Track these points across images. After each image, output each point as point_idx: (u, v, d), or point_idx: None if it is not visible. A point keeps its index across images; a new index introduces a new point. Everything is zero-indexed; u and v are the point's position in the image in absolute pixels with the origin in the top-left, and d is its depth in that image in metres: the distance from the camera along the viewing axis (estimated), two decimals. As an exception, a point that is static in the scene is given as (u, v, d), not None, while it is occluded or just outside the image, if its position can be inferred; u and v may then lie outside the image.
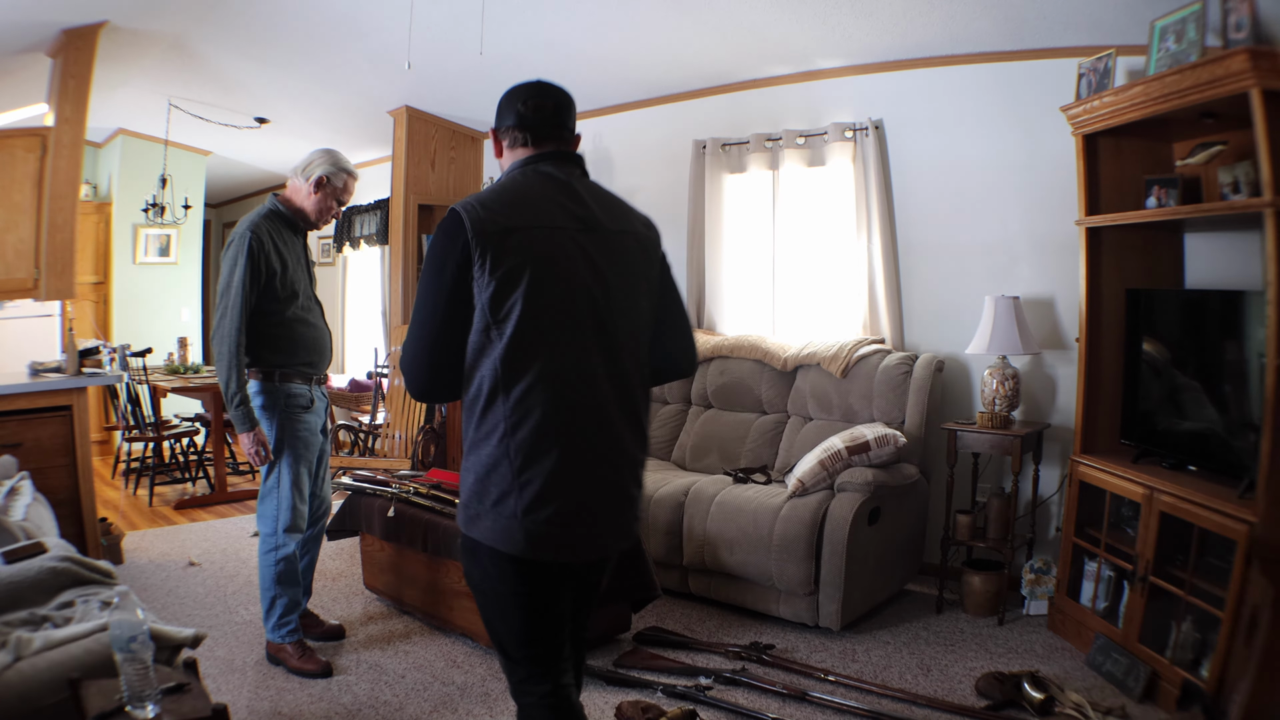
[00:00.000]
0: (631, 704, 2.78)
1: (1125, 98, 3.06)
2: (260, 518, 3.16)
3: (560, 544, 1.75)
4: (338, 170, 3.08)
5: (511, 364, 1.69)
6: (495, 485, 1.73)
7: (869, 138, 4.25)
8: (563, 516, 1.73)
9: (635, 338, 1.83)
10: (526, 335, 1.68)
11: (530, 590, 1.79)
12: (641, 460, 1.88)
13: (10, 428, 3.77)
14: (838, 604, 3.39)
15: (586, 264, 1.74)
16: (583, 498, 1.76)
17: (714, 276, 4.90)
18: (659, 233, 1.97)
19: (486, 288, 1.67)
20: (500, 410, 1.71)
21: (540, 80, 1.90)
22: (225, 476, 5.85)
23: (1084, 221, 3.39)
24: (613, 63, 4.81)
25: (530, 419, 1.70)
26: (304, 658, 3.12)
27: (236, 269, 2.91)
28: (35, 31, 4.49)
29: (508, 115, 1.86)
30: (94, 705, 1.74)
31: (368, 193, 7.18)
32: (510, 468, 1.71)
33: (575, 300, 1.72)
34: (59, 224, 4.50)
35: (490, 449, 1.73)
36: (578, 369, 1.73)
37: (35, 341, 5.85)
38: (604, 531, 1.82)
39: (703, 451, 4.43)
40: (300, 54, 5.18)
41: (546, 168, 1.82)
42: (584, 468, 1.75)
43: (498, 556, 1.76)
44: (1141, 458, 3.25)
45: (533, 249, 1.69)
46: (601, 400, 1.76)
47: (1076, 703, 2.80)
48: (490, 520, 1.74)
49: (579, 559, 1.81)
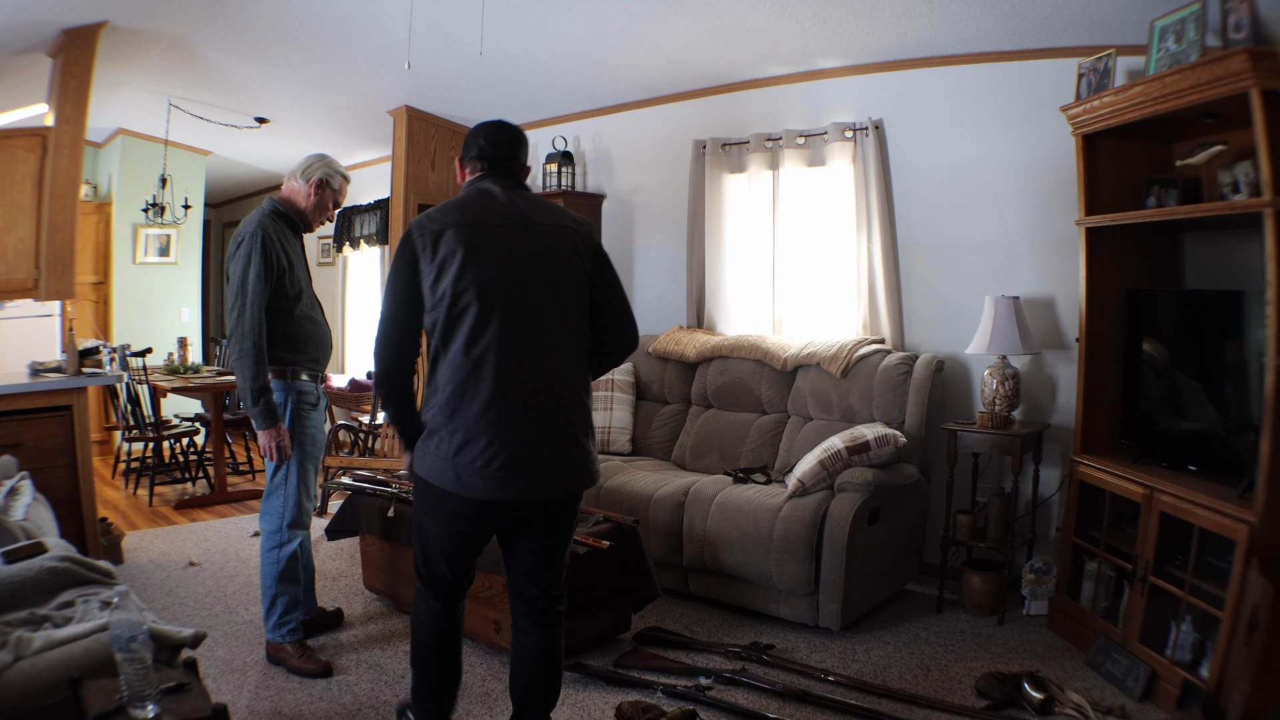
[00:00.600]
0: (631, 704, 2.78)
1: (1125, 98, 3.06)
2: (264, 515, 3.17)
3: (483, 483, 2.10)
4: (334, 173, 3.19)
5: (446, 333, 2.13)
6: (433, 430, 2.15)
7: (869, 138, 4.25)
8: (488, 458, 2.09)
9: (562, 310, 2.20)
10: (457, 308, 2.10)
11: (452, 523, 2.21)
12: (575, 417, 2.21)
13: (10, 428, 3.77)
14: (838, 604, 3.40)
15: (511, 251, 2.15)
16: (506, 445, 2.10)
17: (714, 276, 4.90)
18: (592, 228, 2.34)
19: (429, 275, 2.12)
20: (442, 372, 2.14)
21: (501, 120, 2.33)
22: (225, 476, 5.85)
23: (1084, 221, 3.39)
24: (613, 63, 4.82)
25: (455, 378, 2.11)
26: (304, 657, 3.13)
27: (251, 265, 2.94)
28: (35, 31, 4.49)
29: (472, 148, 2.30)
30: (94, 705, 1.74)
31: (367, 193, 7.18)
32: (445, 419, 2.13)
33: (500, 279, 2.12)
34: (59, 224, 4.50)
35: (433, 404, 2.16)
36: (502, 335, 2.11)
37: (35, 341, 5.85)
38: (532, 479, 2.13)
39: (703, 451, 4.43)
40: (300, 54, 5.18)
41: (485, 184, 2.25)
42: (507, 420, 2.11)
43: (432, 491, 2.17)
44: (1141, 458, 3.25)
45: (463, 241, 2.11)
46: (525, 360, 2.13)
47: (1076, 703, 2.80)
48: (432, 461, 2.15)
49: (502, 498, 2.12)
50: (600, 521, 3.40)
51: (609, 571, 3.26)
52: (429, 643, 2.34)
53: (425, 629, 2.34)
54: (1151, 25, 3.03)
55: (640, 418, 4.76)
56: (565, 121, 5.77)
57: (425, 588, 2.34)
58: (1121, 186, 3.38)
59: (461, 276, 2.09)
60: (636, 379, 4.85)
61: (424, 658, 2.36)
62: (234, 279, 2.96)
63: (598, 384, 4.78)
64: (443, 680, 2.38)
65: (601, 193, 5.62)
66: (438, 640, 2.34)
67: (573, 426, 2.20)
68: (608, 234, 5.62)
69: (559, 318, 2.19)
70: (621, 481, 4.04)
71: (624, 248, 5.53)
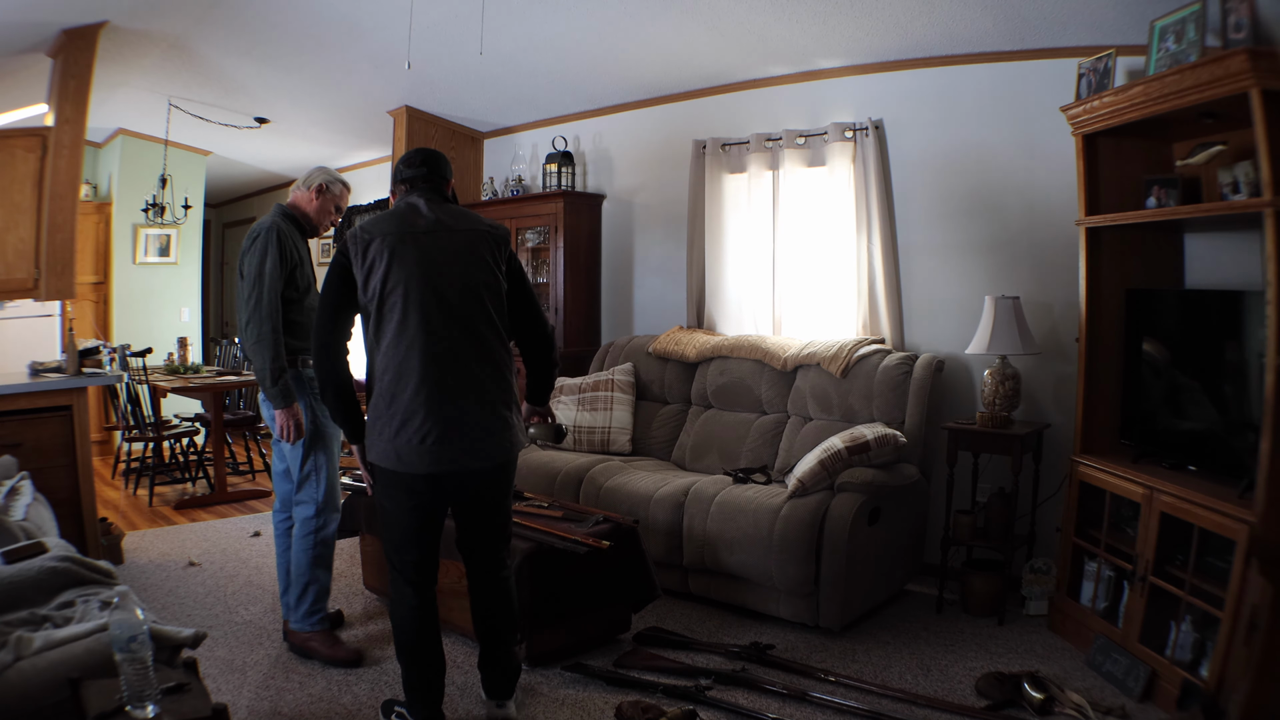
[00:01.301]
0: (631, 704, 2.78)
1: (1125, 98, 3.06)
2: (299, 504, 3.27)
3: (418, 458, 2.39)
4: (333, 180, 3.38)
5: (377, 328, 2.46)
6: (376, 418, 2.45)
7: (869, 138, 4.25)
8: (421, 436, 2.38)
9: (477, 300, 2.49)
10: (384, 306, 2.43)
11: (405, 500, 2.47)
12: (494, 393, 2.49)
13: (10, 428, 3.77)
14: (838, 604, 3.40)
15: (429, 252, 2.46)
16: (435, 424, 2.39)
17: (714, 276, 4.90)
18: (506, 231, 2.66)
19: (360, 276, 2.46)
20: (380, 362, 2.45)
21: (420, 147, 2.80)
22: (225, 476, 5.85)
23: (1084, 221, 3.39)
24: (613, 63, 4.82)
25: (392, 366, 2.42)
26: (334, 647, 3.20)
27: (267, 257, 3.10)
28: (35, 31, 4.49)
29: (396, 174, 2.66)
30: (94, 705, 1.74)
31: (367, 193, 7.18)
32: (385, 405, 2.43)
33: (426, 276, 2.43)
34: (59, 224, 4.50)
35: (374, 393, 2.46)
36: (424, 327, 2.41)
37: (35, 341, 5.84)
38: (459, 451, 2.42)
39: (703, 451, 4.43)
40: (300, 54, 5.18)
41: (411, 198, 2.58)
42: (434, 402, 2.39)
43: (382, 473, 2.47)
44: (1141, 458, 3.25)
45: (388, 246, 2.44)
46: (446, 349, 2.42)
47: (1076, 703, 2.80)
48: (377, 445, 2.45)
49: (436, 470, 2.41)
50: (600, 521, 3.40)
51: (609, 571, 3.26)
52: (411, 637, 2.56)
53: (403, 617, 2.57)
54: (1151, 25, 3.03)
55: (640, 418, 4.76)
56: (565, 121, 5.77)
57: (398, 574, 2.56)
58: (1121, 186, 3.37)
59: (388, 277, 2.42)
60: (636, 379, 4.85)
61: (408, 650, 2.57)
62: (250, 270, 3.11)
63: (597, 384, 4.78)
64: (429, 669, 2.58)
65: (601, 193, 5.62)
66: (419, 630, 2.56)
67: (493, 401, 2.48)
68: (608, 234, 5.62)
69: (476, 306, 2.49)
70: (621, 481, 4.04)
71: (624, 248, 5.53)
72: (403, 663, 2.59)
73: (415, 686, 2.57)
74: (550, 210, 5.46)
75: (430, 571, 2.59)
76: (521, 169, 5.98)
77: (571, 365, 5.34)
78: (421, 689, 2.57)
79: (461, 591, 3.21)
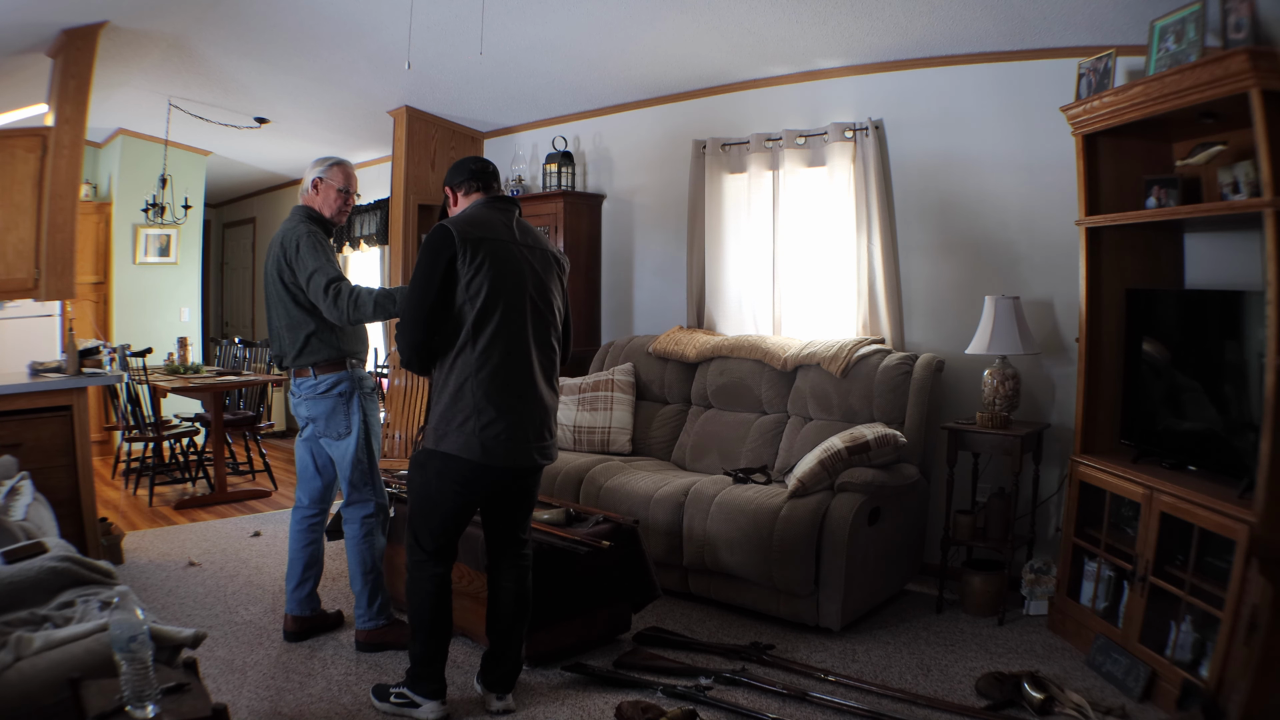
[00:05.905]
0: (631, 704, 2.78)
1: (1125, 98, 3.06)
2: (355, 503, 3.30)
3: (503, 453, 2.57)
4: (325, 166, 3.30)
5: (478, 325, 2.55)
6: (460, 412, 2.56)
7: (869, 138, 4.25)
8: (507, 433, 2.57)
9: (551, 318, 2.71)
10: (488, 306, 2.55)
11: (466, 490, 2.64)
12: (552, 405, 2.73)
13: (10, 428, 3.77)
14: (838, 604, 3.40)
15: (526, 265, 2.65)
16: (516, 422, 2.59)
17: (714, 276, 4.90)
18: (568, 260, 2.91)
19: (465, 274, 2.54)
20: (468, 358, 2.56)
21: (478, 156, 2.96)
22: (225, 477, 5.85)
23: (1084, 221, 3.39)
24: (613, 63, 4.82)
25: (489, 364, 2.56)
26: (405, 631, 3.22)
27: (318, 251, 3.10)
28: (35, 31, 4.49)
29: (463, 173, 2.77)
30: (94, 705, 1.74)
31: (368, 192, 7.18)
32: (474, 398, 2.55)
33: (519, 286, 2.61)
34: (59, 224, 4.50)
35: (457, 385, 2.57)
36: (520, 332, 2.60)
37: (35, 341, 5.85)
38: (530, 448, 2.64)
39: (703, 451, 4.43)
40: (300, 54, 5.18)
41: (491, 206, 2.71)
42: (520, 402, 2.60)
43: (457, 463, 2.58)
44: (1141, 458, 3.25)
45: (494, 251, 2.58)
46: (530, 356, 2.63)
47: (1076, 703, 2.80)
48: (458, 437, 2.56)
49: (514, 465, 2.62)
50: (600, 521, 3.40)
51: (609, 571, 3.26)
52: (431, 604, 2.71)
53: (429, 593, 2.71)
54: (1151, 25, 3.03)
55: (640, 418, 4.76)
56: (565, 121, 5.77)
57: (426, 556, 2.71)
58: (1121, 186, 3.37)
59: (495, 279, 2.55)
60: (636, 379, 4.85)
61: (427, 621, 2.72)
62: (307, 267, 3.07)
63: (597, 384, 4.78)
64: (443, 637, 2.75)
65: (601, 193, 5.62)
66: (438, 598, 2.72)
67: (549, 413, 2.72)
68: (608, 234, 5.62)
69: (551, 321, 2.72)
70: (621, 481, 4.04)
71: (624, 248, 5.53)
72: (420, 639, 2.73)
73: (431, 659, 2.73)
74: (550, 210, 5.46)
75: (454, 553, 2.77)
76: (522, 169, 5.98)
77: (571, 365, 5.34)
78: (438, 660, 2.74)
79: (465, 592, 3.22)
